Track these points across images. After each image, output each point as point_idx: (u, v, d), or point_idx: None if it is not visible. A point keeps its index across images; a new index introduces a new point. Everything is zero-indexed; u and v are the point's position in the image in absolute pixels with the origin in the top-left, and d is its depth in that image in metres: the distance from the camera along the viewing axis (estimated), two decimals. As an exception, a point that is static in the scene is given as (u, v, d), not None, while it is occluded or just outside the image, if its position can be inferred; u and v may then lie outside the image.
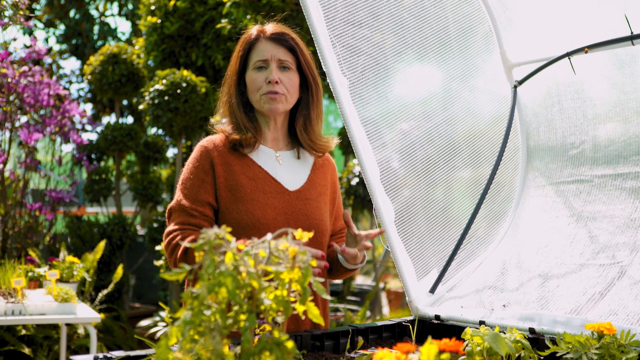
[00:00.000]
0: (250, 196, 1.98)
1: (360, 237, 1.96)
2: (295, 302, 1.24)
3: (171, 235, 1.98)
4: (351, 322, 4.42)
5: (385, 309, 7.40)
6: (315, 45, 1.92)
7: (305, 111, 2.09)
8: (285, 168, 2.07)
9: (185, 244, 1.21)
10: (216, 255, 1.20)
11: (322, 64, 1.93)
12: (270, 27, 2.07)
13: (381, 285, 7.43)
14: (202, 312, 1.17)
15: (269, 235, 1.25)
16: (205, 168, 2.01)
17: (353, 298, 6.59)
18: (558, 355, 1.55)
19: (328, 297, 1.29)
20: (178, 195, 2.03)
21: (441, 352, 1.23)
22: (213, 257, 1.19)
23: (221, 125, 2.09)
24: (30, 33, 9.68)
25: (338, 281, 8.61)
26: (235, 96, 2.06)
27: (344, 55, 1.97)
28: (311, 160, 2.13)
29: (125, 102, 8.17)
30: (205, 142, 2.06)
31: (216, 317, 1.17)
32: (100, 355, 1.43)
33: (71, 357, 1.46)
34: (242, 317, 1.19)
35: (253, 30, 2.07)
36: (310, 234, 1.27)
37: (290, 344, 1.18)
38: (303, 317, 1.28)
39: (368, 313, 5.72)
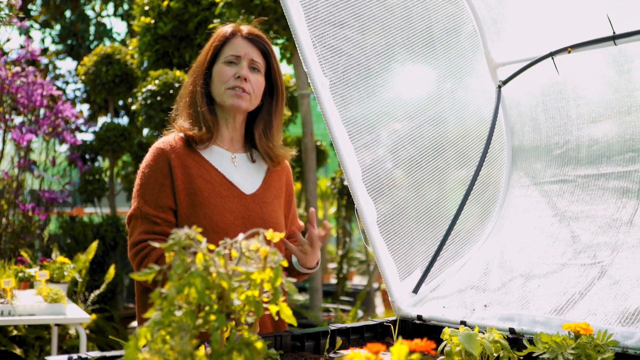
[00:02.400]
0: (207, 200, 1.94)
1: (314, 235, 1.97)
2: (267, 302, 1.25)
3: (138, 246, 1.92)
4: (342, 323, 4.42)
5: (380, 309, 7.40)
6: (296, 45, 1.92)
7: (267, 117, 2.08)
8: (241, 170, 2.04)
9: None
10: (186, 256, 1.20)
11: (303, 63, 1.93)
12: (247, 28, 2.07)
13: (376, 285, 7.43)
14: (171, 313, 1.16)
15: (240, 236, 1.25)
16: (163, 171, 1.95)
17: (347, 298, 6.59)
18: (534, 355, 1.55)
19: (300, 298, 1.29)
20: (137, 201, 1.96)
21: (411, 352, 1.23)
22: (183, 257, 1.19)
23: (180, 121, 2.04)
24: (27, 33, 9.67)
25: (332, 281, 8.62)
26: (201, 86, 2.02)
27: (325, 55, 1.97)
28: (266, 165, 2.11)
29: (121, 103, 8.18)
30: (160, 143, 2.01)
31: (185, 318, 1.17)
32: (75, 356, 1.43)
33: (46, 358, 1.46)
34: (212, 317, 1.19)
35: (228, 27, 2.06)
36: (282, 234, 1.27)
37: (259, 344, 1.18)
38: (276, 318, 1.28)
39: (361, 313, 5.72)
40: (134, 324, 5.42)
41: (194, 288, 1.16)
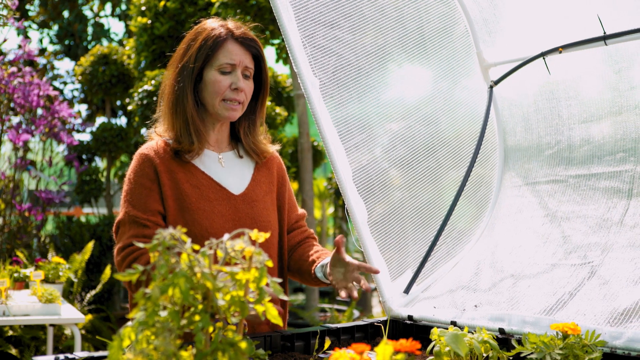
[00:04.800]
0: (195, 205, 1.90)
1: (352, 267, 1.85)
2: (254, 302, 1.24)
3: (127, 250, 1.87)
4: (337, 323, 4.42)
5: (377, 309, 7.40)
6: (286, 45, 1.92)
7: (252, 116, 2.06)
8: (229, 170, 2.01)
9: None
10: (170, 256, 1.19)
11: (292, 63, 1.93)
12: (236, 27, 1.98)
13: (373, 285, 7.43)
14: (155, 313, 1.16)
15: (225, 236, 1.24)
16: (150, 176, 1.91)
17: (344, 299, 6.58)
18: (523, 355, 1.55)
19: (285, 298, 1.29)
20: (125, 207, 1.91)
21: (396, 352, 1.23)
22: (167, 257, 1.19)
23: (160, 128, 1.99)
24: (24, 34, 9.66)
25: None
26: (191, 92, 1.94)
27: (315, 55, 1.97)
28: (253, 160, 2.08)
29: (119, 103, 8.19)
30: (145, 149, 1.96)
31: (170, 318, 1.17)
32: (62, 357, 1.43)
33: (33, 357, 1.46)
34: (197, 317, 1.19)
35: (218, 27, 1.96)
36: (267, 235, 1.26)
37: (244, 345, 1.18)
38: (263, 318, 1.27)
39: (357, 313, 5.71)
40: (130, 324, 5.42)
41: (178, 288, 1.16)
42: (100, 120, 9.36)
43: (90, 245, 4.98)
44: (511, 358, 1.65)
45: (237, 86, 1.92)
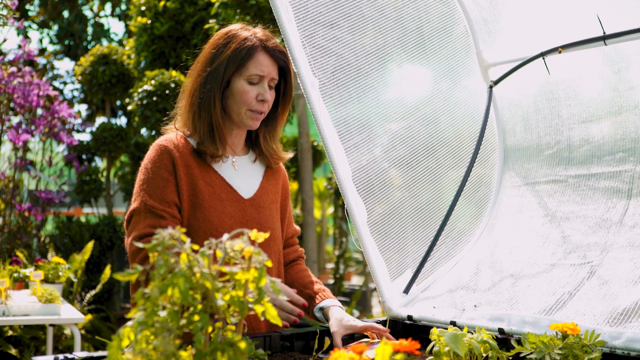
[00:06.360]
0: (208, 203, 1.92)
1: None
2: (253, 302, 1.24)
3: (144, 240, 1.83)
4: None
5: (377, 309, 7.41)
6: (286, 45, 1.93)
7: (272, 122, 2.06)
8: (240, 174, 2.03)
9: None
10: (169, 256, 1.19)
11: (292, 64, 1.93)
12: (267, 38, 1.96)
13: (373, 285, 7.43)
14: (155, 313, 1.16)
15: (225, 236, 1.25)
16: (168, 168, 1.91)
17: (344, 298, 6.59)
18: (522, 355, 1.55)
19: (285, 298, 1.29)
20: (141, 196, 1.89)
21: (396, 352, 1.23)
22: (166, 257, 1.19)
23: (179, 124, 2.01)
24: (24, 34, 9.66)
25: (330, 281, 8.63)
26: (219, 100, 1.95)
27: (315, 55, 1.98)
28: (264, 166, 2.10)
29: (118, 103, 8.19)
30: (164, 141, 1.95)
31: (169, 318, 1.17)
32: (61, 357, 1.43)
33: (33, 357, 1.46)
34: (196, 317, 1.19)
35: (249, 36, 1.95)
36: (266, 234, 1.26)
37: (243, 344, 1.18)
38: (262, 318, 1.27)
39: (357, 313, 5.71)
40: (129, 324, 5.42)
41: (177, 288, 1.16)
42: (100, 120, 9.37)
43: (90, 245, 4.98)
44: (511, 358, 1.65)
45: (264, 98, 1.93)
